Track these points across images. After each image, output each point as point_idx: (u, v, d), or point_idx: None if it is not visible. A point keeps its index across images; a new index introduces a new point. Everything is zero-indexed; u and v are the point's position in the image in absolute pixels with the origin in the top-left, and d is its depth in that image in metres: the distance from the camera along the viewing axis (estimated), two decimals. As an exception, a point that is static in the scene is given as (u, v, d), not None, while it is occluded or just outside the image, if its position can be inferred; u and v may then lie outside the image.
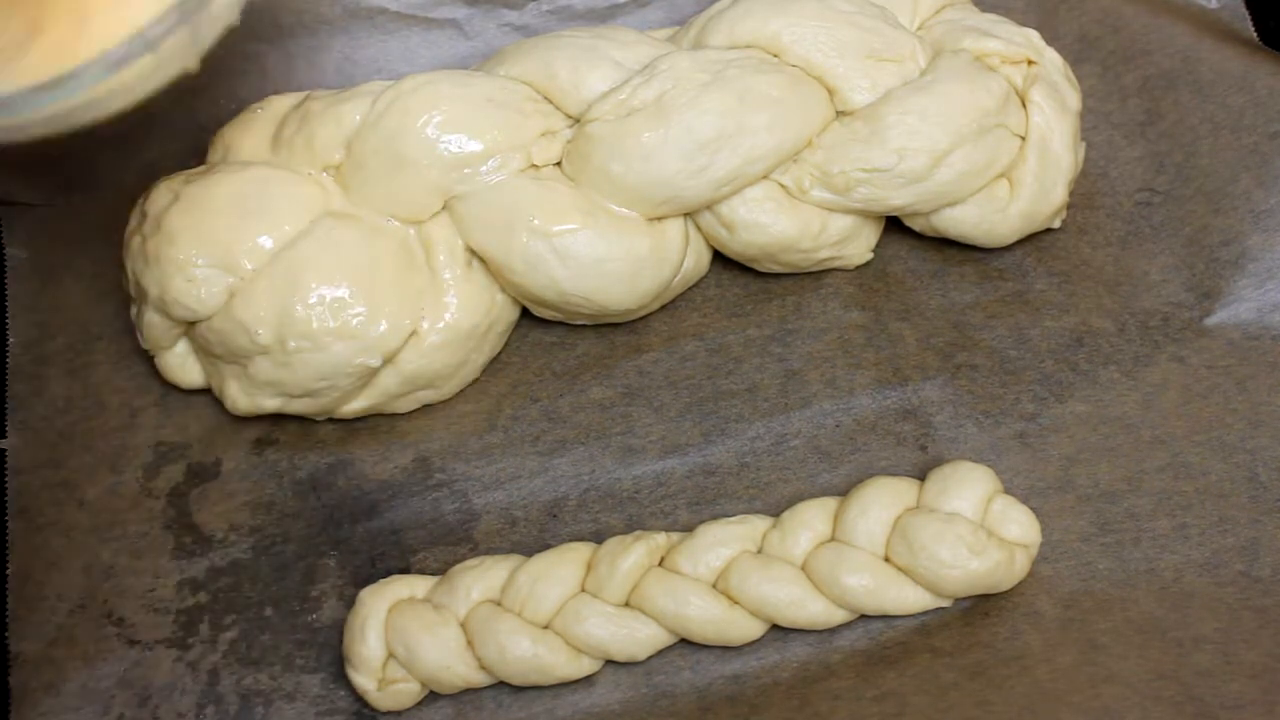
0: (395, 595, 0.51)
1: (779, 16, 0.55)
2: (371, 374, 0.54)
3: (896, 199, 0.55)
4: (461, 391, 0.57)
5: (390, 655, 0.50)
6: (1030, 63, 0.57)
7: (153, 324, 0.54)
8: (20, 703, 0.51)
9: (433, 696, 0.52)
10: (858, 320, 0.58)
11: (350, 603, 0.52)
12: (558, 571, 0.51)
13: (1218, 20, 0.62)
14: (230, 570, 0.54)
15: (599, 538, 0.53)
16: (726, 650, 0.52)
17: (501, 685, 0.51)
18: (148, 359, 0.57)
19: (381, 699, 0.50)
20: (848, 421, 0.56)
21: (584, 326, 0.58)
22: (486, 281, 0.55)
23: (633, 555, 0.51)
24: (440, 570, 0.53)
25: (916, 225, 0.58)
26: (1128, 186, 0.61)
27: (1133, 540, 0.53)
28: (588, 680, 0.51)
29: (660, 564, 0.51)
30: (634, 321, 0.58)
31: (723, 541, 0.51)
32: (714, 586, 0.51)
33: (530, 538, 0.54)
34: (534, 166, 0.55)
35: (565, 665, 0.50)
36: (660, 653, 0.52)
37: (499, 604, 0.51)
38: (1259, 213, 0.58)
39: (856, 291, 0.59)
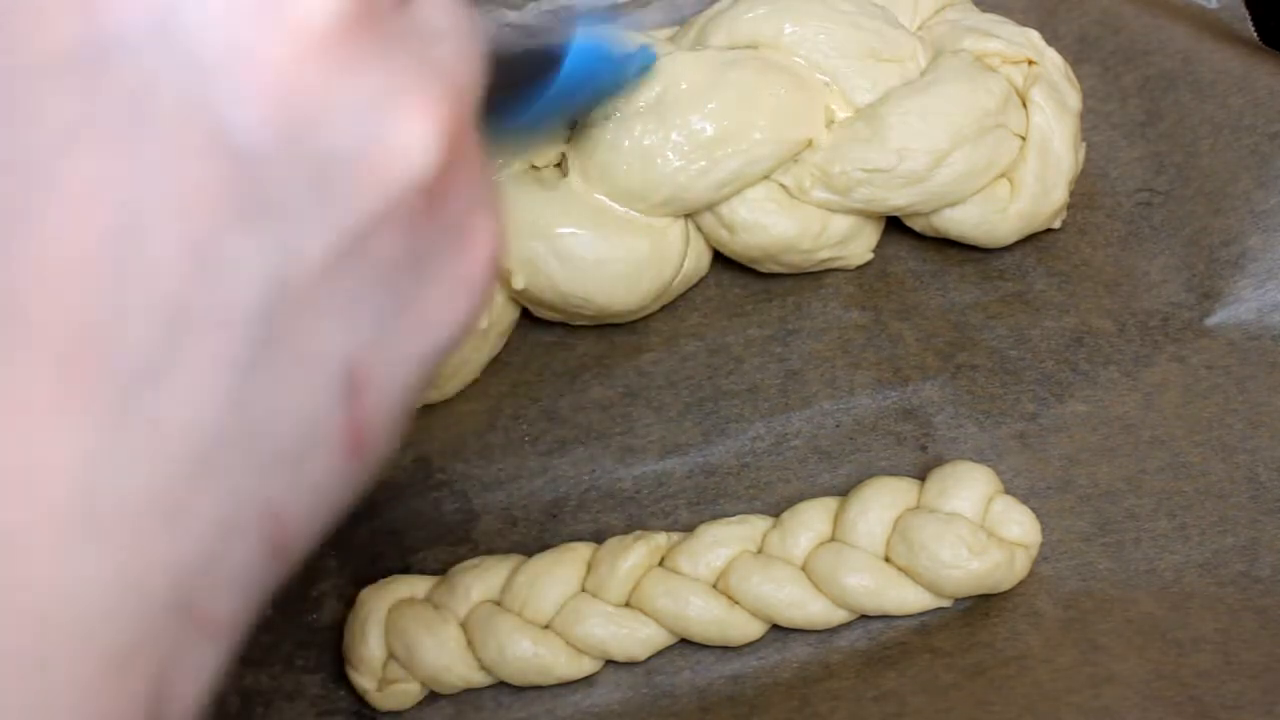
0: (395, 595, 0.51)
1: (779, 17, 0.55)
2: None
3: (897, 199, 0.55)
4: (461, 391, 0.57)
5: (390, 655, 0.50)
6: (1031, 63, 0.57)
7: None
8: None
9: (433, 696, 0.52)
10: (858, 320, 0.58)
11: (350, 603, 0.52)
12: (558, 571, 0.51)
13: (1218, 20, 0.62)
14: (231, 570, 0.54)
15: (599, 538, 0.53)
16: (726, 650, 0.52)
17: (501, 685, 0.51)
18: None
19: (381, 699, 0.50)
20: (848, 421, 0.56)
21: (584, 327, 0.58)
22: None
23: (633, 555, 0.51)
24: (440, 570, 0.53)
25: (917, 225, 0.58)
26: (1128, 186, 0.60)
27: (1133, 540, 0.53)
28: (588, 680, 0.51)
29: (660, 564, 0.51)
30: (634, 321, 0.58)
31: (723, 541, 0.51)
32: (714, 586, 0.51)
33: (530, 538, 0.54)
34: (534, 167, 0.55)
35: (565, 665, 0.50)
36: (660, 653, 0.52)
37: (499, 604, 0.51)
38: (1259, 213, 0.58)
39: (856, 291, 0.59)
